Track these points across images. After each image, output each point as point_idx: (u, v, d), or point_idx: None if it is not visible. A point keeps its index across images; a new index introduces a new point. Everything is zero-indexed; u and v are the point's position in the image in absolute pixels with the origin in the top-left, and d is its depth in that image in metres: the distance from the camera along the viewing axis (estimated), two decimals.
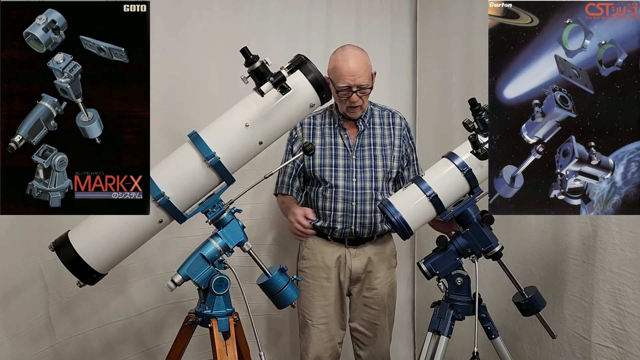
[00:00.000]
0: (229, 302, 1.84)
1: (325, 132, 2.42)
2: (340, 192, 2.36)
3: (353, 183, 2.36)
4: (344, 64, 2.27)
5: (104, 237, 1.75)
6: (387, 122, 2.46)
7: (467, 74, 2.81)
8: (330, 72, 2.32)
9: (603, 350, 2.11)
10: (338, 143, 2.40)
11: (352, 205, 2.36)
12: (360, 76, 2.26)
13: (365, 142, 2.41)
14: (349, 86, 2.27)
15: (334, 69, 2.30)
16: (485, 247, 2.01)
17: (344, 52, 2.31)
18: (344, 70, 2.26)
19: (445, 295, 2.05)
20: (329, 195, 2.37)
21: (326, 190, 2.37)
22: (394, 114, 2.50)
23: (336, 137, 2.40)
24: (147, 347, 2.55)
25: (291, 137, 2.46)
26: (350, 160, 2.38)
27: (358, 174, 2.37)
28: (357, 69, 2.26)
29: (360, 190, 2.36)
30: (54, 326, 2.20)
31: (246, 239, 1.84)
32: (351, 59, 2.27)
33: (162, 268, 2.47)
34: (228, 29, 2.64)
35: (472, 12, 2.78)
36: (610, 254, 2.09)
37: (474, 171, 1.97)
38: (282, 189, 2.45)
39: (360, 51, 2.33)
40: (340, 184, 2.36)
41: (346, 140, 2.40)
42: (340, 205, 2.36)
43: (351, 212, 2.36)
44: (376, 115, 2.46)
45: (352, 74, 2.26)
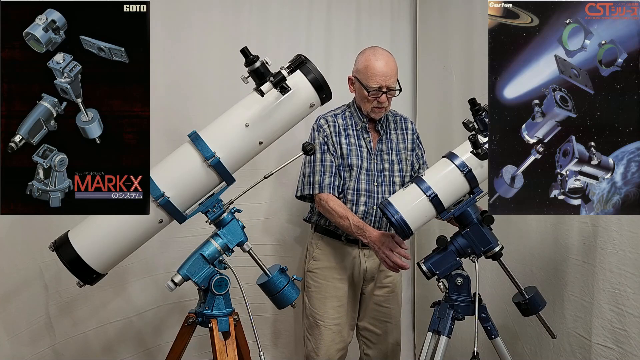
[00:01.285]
0: (229, 302, 1.84)
1: (349, 132, 2.40)
2: (363, 195, 2.36)
3: (374, 187, 2.37)
4: (377, 63, 2.27)
5: (104, 237, 1.75)
6: (401, 128, 2.48)
7: (467, 74, 2.81)
8: (361, 71, 2.31)
9: (603, 350, 2.11)
10: (362, 145, 2.39)
11: (372, 208, 2.36)
12: (391, 77, 2.28)
13: (384, 147, 2.42)
14: (380, 86, 2.27)
15: (366, 68, 2.29)
16: (485, 247, 2.01)
17: (376, 53, 2.31)
18: (378, 70, 2.26)
19: (445, 295, 2.05)
20: (350, 198, 2.35)
21: (348, 193, 2.35)
22: (405, 119, 2.51)
23: (359, 139, 2.40)
24: (147, 347, 2.55)
25: (318, 134, 2.36)
26: (372, 164, 2.38)
27: (379, 178, 2.38)
28: (388, 70, 2.27)
29: (380, 195, 2.37)
30: (54, 326, 2.20)
31: (246, 239, 1.84)
32: (383, 60, 2.28)
33: (162, 268, 2.47)
34: (228, 29, 2.64)
35: (472, 12, 2.78)
36: (610, 254, 2.09)
37: (474, 171, 1.97)
38: (323, 187, 2.31)
39: (389, 53, 2.35)
40: (363, 187, 2.36)
41: (369, 143, 2.40)
42: (361, 207, 2.35)
43: (371, 216, 2.36)
44: (390, 121, 2.47)
45: (385, 74, 2.26)
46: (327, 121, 2.39)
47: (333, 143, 2.35)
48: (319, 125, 2.39)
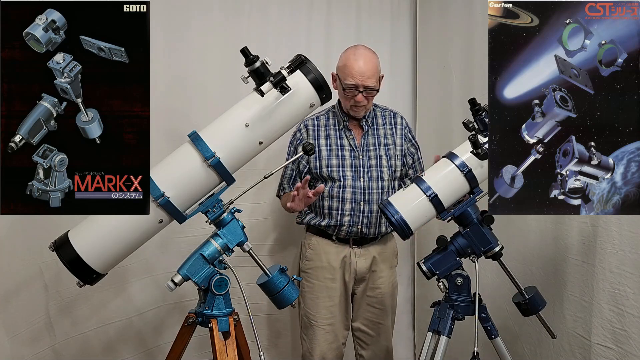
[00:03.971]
0: (229, 302, 1.84)
1: (330, 132, 2.42)
2: (349, 192, 2.36)
3: (361, 183, 2.37)
4: (355, 62, 2.28)
5: (104, 237, 1.75)
6: (389, 122, 2.48)
7: (467, 74, 2.81)
8: (340, 69, 2.33)
9: (603, 350, 2.10)
10: (344, 143, 2.40)
11: (359, 204, 2.36)
12: (368, 77, 2.28)
13: (370, 142, 2.42)
14: (356, 85, 2.27)
15: (344, 66, 2.30)
16: (485, 247, 2.01)
17: (356, 52, 2.32)
18: (354, 69, 2.27)
19: (445, 295, 2.05)
20: (336, 195, 2.37)
21: (333, 190, 2.37)
22: (395, 114, 2.51)
23: (341, 137, 2.41)
24: (147, 347, 2.55)
25: (294, 138, 2.46)
26: (358, 160, 2.38)
27: (365, 173, 2.38)
28: (366, 70, 2.27)
29: (368, 190, 2.37)
30: (54, 326, 2.20)
31: (246, 239, 1.84)
32: (362, 59, 2.28)
33: (162, 268, 2.47)
34: (228, 29, 2.64)
35: (472, 12, 2.78)
36: (610, 254, 2.09)
37: (474, 171, 1.97)
38: (285, 190, 2.46)
39: (372, 53, 2.35)
40: (349, 184, 2.36)
41: (352, 140, 2.40)
42: (348, 204, 2.36)
43: (358, 212, 2.36)
44: (379, 116, 2.47)
45: (361, 73, 2.27)
46: (305, 126, 2.43)
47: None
48: (297, 129, 2.44)
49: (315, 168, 2.39)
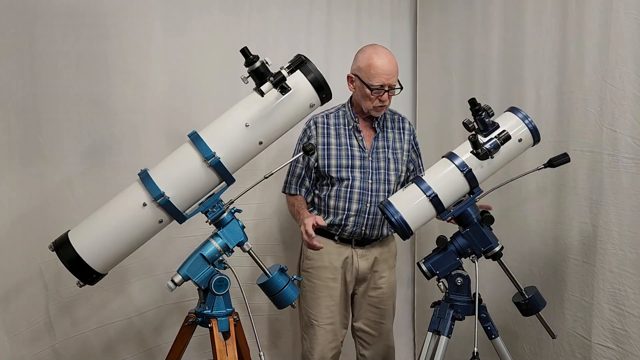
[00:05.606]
0: (229, 302, 1.84)
1: (340, 132, 2.39)
2: (356, 193, 2.36)
3: (369, 184, 2.36)
4: (380, 62, 2.25)
5: (104, 237, 1.75)
6: (398, 127, 2.47)
7: (467, 74, 2.81)
8: (363, 70, 2.29)
9: (603, 350, 2.11)
10: (353, 144, 2.38)
11: (365, 206, 2.36)
12: (393, 75, 2.27)
13: (380, 145, 2.41)
14: (383, 85, 2.26)
15: (368, 66, 2.27)
16: (485, 247, 2.01)
17: (378, 51, 2.30)
18: (380, 68, 2.25)
19: (445, 295, 2.05)
20: (343, 195, 2.36)
21: (341, 190, 2.36)
22: (403, 119, 2.50)
23: (351, 138, 2.39)
24: (147, 347, 2.55)
25: (304, 135, 2.43)
26: (367, 162, 2.37)
27: (373, 175, 2.37)
28: (390, 69, 2.26)
29: (375, 192, 2.37)
30: (54, 326, 2.20)
31: (246, 239, 1.84)
32: (386, 58, 2.27)
33: (162, 268, 2.47)
34: (228, 29, 2.64)
35: (472, 12, 2.78)
36: (610, 254, 2.09)
37: (474, 171, 1.97)
38: (291, 189, 2.44)
39: (390, 51, 2.33)
40: (357, 185, 2.36)
41: (361, 142, 2.39)
42: (354, 205, 2.36)
43: (364, 213, 2.36)
44: (388, 119, 2.46)
45: (387, 72, 2.25)
46: (315, 123, 2.40)
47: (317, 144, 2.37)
48: (307, 126, 2.41)
49: (324, 167, 2.37)
